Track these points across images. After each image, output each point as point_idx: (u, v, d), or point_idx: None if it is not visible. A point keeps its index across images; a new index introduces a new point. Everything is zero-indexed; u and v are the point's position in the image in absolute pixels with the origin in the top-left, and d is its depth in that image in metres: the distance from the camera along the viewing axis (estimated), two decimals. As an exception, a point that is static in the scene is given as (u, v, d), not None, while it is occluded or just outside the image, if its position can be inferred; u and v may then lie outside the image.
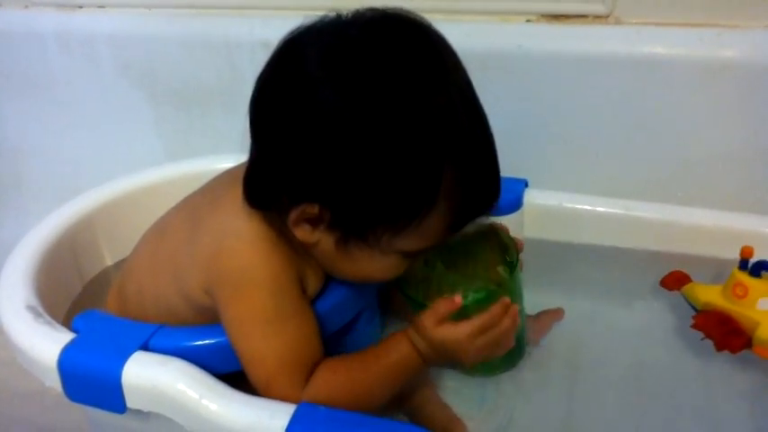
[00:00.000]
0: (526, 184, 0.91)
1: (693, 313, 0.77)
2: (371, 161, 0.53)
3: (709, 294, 0.76)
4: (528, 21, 0.96)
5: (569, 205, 0.89)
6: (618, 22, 0.93)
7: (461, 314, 0.60)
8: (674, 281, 0.81)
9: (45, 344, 0.61)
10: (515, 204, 0.89)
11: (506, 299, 0.61)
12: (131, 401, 0.59)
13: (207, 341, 0.61)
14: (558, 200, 0.90)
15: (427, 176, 0.53)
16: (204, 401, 0.57)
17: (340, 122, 0.52)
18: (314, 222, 0.57)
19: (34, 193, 1.25)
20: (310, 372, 0.59)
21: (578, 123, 0.96)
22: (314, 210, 0.56)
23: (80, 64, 1.15)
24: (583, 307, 0.82)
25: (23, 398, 0.93)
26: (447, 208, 0.55)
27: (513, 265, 0.66)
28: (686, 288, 0.79)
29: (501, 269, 0.67)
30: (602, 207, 0.88)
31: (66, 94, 1.18)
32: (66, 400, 0.61)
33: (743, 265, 0.74)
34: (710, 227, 0.84)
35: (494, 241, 0.68)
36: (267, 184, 0.58)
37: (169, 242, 0.66)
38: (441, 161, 0.53)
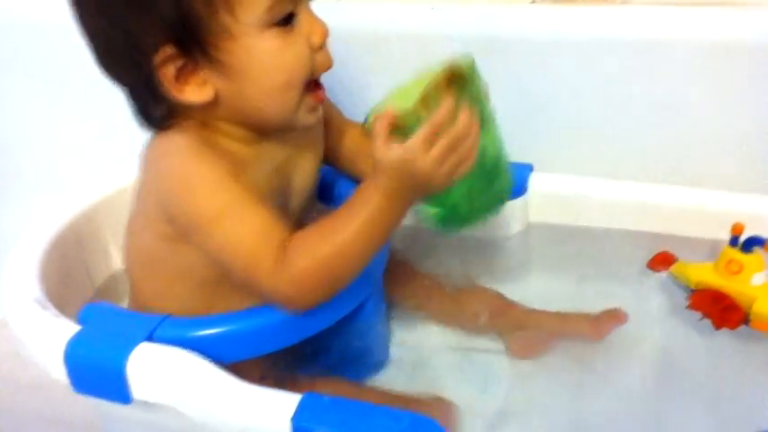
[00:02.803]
0: (531, 169, 0.90)
1: (684, 294, 0.76)
2: None
3: (702, 273, 0.76)
4: (533, 2, 0.95)
5: (575, 189, 0.89)
6: (625, 2, 0.92)
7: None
8: (661, 262, 0.81)
9: (51, 336, 0.62)
10: (520, 189, 0.88)
11: (449, 100, 0.55)
12: (137, 392, 0.59)
13: (212, 331, 0.61)
14: (563, 184, 0.89)
15: None
16: (209, 392, 0.57)
17: None
18: (182, 71, 0.58)
19: (34, 185, 1.24)
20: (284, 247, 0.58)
21: (584, 107, 0.95)
22: (165, 54, 0.57)
23: (79, 54, 1.14)
24: (588, 290, 0.81)
25: (30, 390, 0.93)
26: None
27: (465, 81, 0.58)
28: (675, 268, 0.79)
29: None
30: (608, 190, 0.88)
31: (66, 85, 1.17)
32: (72, 392, 0.61)
33: (734, 241, 0.74)
34: (702, 207, 0.84)
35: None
36: (139, 95, 0.63)
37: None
38: None
